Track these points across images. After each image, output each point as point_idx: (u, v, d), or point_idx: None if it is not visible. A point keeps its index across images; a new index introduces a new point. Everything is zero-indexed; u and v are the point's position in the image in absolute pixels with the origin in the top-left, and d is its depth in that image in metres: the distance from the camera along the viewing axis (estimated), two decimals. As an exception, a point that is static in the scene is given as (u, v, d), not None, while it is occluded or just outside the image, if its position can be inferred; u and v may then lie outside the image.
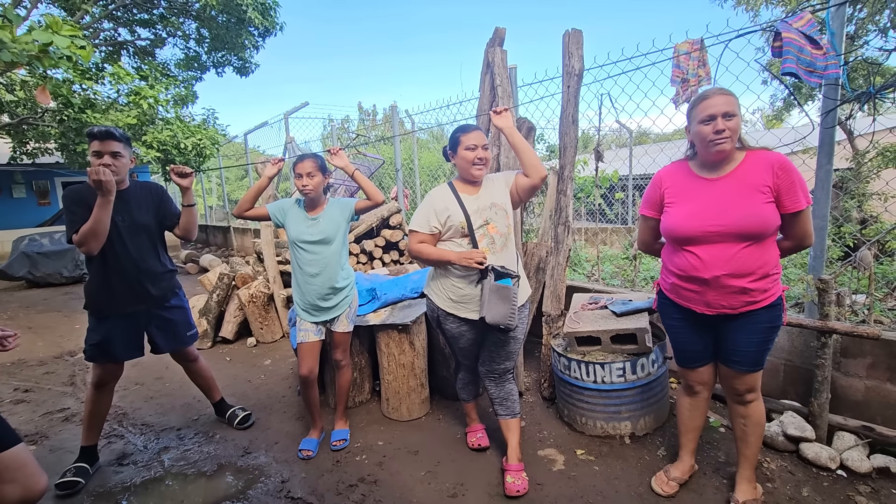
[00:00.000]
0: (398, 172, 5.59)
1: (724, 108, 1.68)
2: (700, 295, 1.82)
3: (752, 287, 1.72)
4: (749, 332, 1.79)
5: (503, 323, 1.99)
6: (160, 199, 2.51)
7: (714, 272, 1.74)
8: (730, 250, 1.72)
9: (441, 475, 2.33)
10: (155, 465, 2.55)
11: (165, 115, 6.68)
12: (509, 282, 2.03)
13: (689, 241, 1.80)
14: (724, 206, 1.72)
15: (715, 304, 1.79)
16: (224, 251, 10.18)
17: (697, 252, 1.78)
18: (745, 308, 1.76)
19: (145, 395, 3.43)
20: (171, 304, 2.57)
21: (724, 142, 1.70)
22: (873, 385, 2.31)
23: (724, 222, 1.71)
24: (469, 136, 2.09)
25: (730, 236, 1.71)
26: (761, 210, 1.68)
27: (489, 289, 2.00)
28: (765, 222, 1.68)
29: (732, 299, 1.76)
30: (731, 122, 1.68)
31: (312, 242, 2.44)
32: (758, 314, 1.77)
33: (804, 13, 2.28)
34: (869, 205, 6.96)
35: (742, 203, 1.70)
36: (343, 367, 2.65)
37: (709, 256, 1.75)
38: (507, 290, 2.01)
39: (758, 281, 1.72)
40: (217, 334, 4.51)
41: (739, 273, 1.71)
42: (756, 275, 1.72)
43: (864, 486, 2.06)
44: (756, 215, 1.68)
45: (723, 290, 1.75)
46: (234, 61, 9.06)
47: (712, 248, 1.74)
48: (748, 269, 1.71)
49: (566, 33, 3.05)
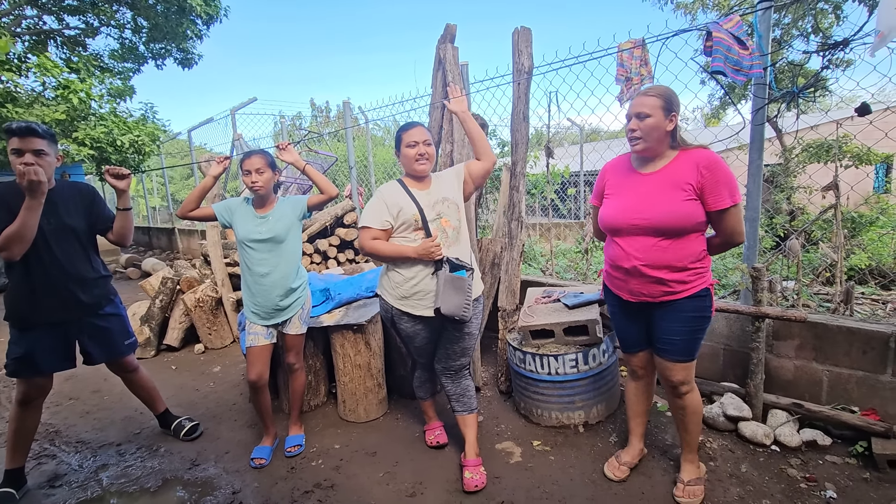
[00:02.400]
0: (352, 170, 5.49)
1: (638, 108, 1.78)
2: (625, 283, 1.92)
3: (669, 278, 1.80)
4: (673, 321, 1.88)
5: (457, 314, 2.01)
6: (91, 201, 2.33)
7: (633, 262, 1.84)
8: (647, 242, 1.81)
9: (399, 475, 2.31)
10: (92, 484, 2.38)
11: (99, 110, 6.24)
12: (464, 273, 2.05)
13: (616, 232, 1.90)
14: (647, 201, 1.81)
15: (637, 292, 1.89)
16: (169, 254, 9.67)
17: (621, 243, 1.88)
18: (665, 297, 1.84)
19: (80, 411, 3.20)
20: (105, 311, 2.40)
21: (636, 142, 1.81)
22: (801, 364, 2.48)
23: (645, 216, 1.79)
24: (409, 134, 2.11)
25: (649, 230, 1.80)
26: (680, 207, 1.75)
27: (444, 279, 2.01)
28: (682, 218, 1.75)
29: (651, 288, 1.85)
30: (643, 122, 1.76)
31: (261, 241, 2.35)
32: (680, 303, 1.85)
33: (733, 15, 2.41)
34: (796, 197, 7.50)
35: (662, 199, 1.77)
36: (296, 370, 2.58)
37: (629, 247, 1.85)
38: (462, 281, 2.03)
39: (676, 273, 1.80)
40: (161, 342, 4.27)
41: (655, 264, 1.80)
42: (673, 267, 1.79)
43: (795, 458, 2.21)
44: (673, 212, 1.75)
45: (642, 279, 1.85)
46: (175, 52, 8.61)
47: (634, 239, 1.84)
48: (664, 261, 1.79)
49: (516, 31, 3.09)
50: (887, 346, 2.22)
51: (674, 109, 1.77)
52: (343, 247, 4.74)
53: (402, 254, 2.05)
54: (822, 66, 2.34)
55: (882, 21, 1.88)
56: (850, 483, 2.03)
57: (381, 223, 2.09)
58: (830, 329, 2.37)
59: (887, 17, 1.85)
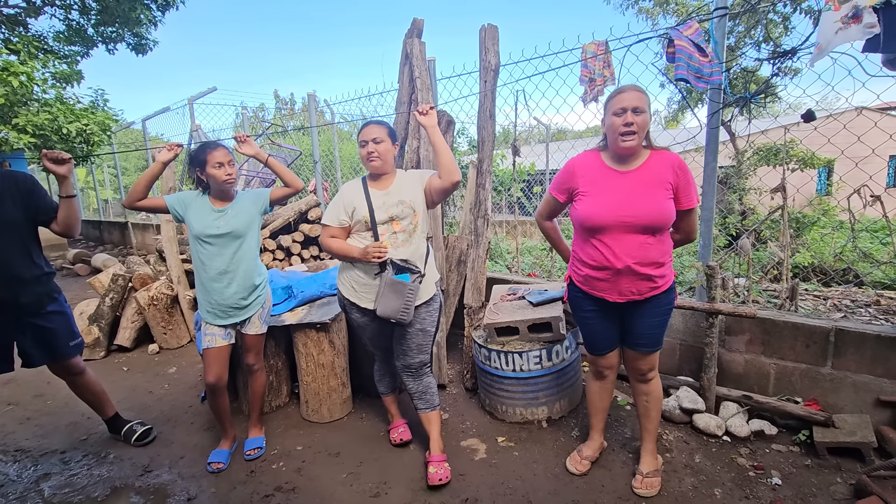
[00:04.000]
0: (317, 164, 5.37)
1: (635, 102, 1.77)
2: (612, 284, 1.90)
3: (655, 274, 1.86)
4: (653, 315, 1.95)
5: (394, 317, 2.06)
6: (29, 190, 2.18)
7: (625, 262, 1.83)
8: (636, 240, 1.83)
9: (363, 475, 2.28)
10: (32, 495, 2.24)
11: (43, 95, 5.85)
12: (407, 277, 2.06)
13: (600, 231, 1.86)
14: (635, 198, 1.83)
15: (626, 292, 1.91)
16: (122, 249, 9.19)
17: (608, 242, 1.85)
18: (650, 293, 1.90)
19: (20, 417, 3.00)
20: (47, 310, 2.25)
21: (631, 136, 1.78)
22: (751, 358, 2.61)
23: (635, 214, 1.81)
24: (362, 133, 2.13)
25: (637, 227, 1.82)
26: (664, 205, 1.81)
27: (385, 282, 2.06)
28: (665, 216, 1.82)
29: (641, 286, 1.89)
30: (639, 117, 1.78)
31: (218, 236, 2.25)
32: (659, 298, 1.93)
33: (692, 22, 2.49)
34: (748, 198, 7.88)
35: (649, 196, 1.82)
36: (256, 371, 2.50)
37: (618, 247, 1.84)
38: (403, 286, 2.04)
39: (659, 268, 1.87)
40: (112, 342, 4.06)
41: (645, 262, 1.84)
42: (658, 263, 1.86)
43: (745, 448, 2.32)
44: (659, 209, 1.80)
45: (633, 277, 1.87)
46: (127, 37, 8.17)
47: (622, 238, 1.83)
48: (652, 258, 1.84)
49: (482, 28, 3.09)
50: (827, 341, 2.36)
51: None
52: (307, 243, 4.62)
53: (348, 253, 2.10)
54: (773, 73, 2.45)
55: (821, 34, 1.98)
56: (793, 470, 2.15)
57: (338, 222, 2.14)
58: (777, 324, 2.50)
59: (826, 32, 1.96)
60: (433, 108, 2.16)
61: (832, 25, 1.86)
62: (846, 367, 2.33)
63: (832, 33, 1.86)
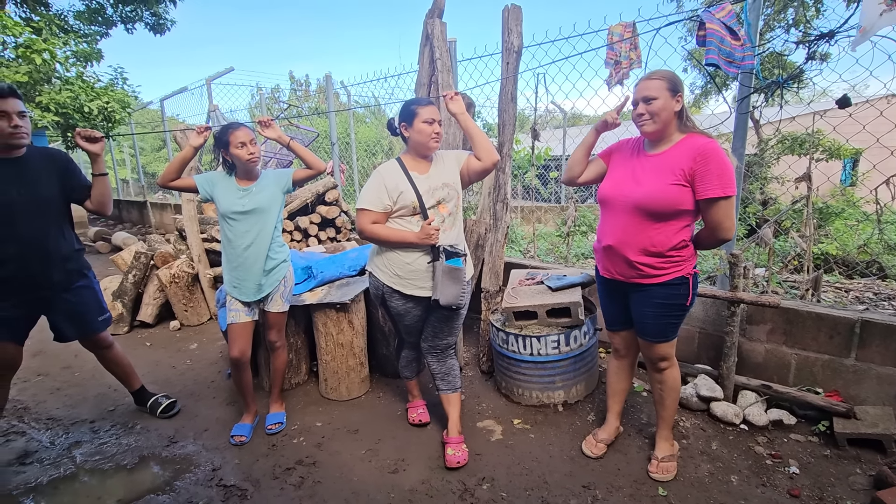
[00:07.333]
0: (334, 146, 5.38)
1: (644, 92, 1.78)
2: (602, 258, 2.00)
3: (636, 260, 1.84)
4: (644, 305, 1.93)
5: (455, 303, 2.04)
6: (65, 168, 2.22)
7: (608, 240, 1.90)
8: (629, 220, 1.84)
9: (382, 452, 2.33)
10: (65, 461, 2.33)
11: (65, 73, 5.89)
12: (459, 262, 2.04)
13: (605, 205, 1.95)
14: (638, 179, 1.84)
15: (612, 270, 1.95)
16: (140, 228, 9.35)
17: (608, 218, 1.93)
18: (636, 279, 1.89)
19: (50, 387, 3.11)
20: (78, 285, 2.31)
21: (643, 123, 1.81)
22: (772, 348, 2.59)
23: (631, 193, 1.83)
24: (427, 110, 2.02)
25: (633, 208, 1.82)
26: (666, 190, 1.76)
27: (442, 271, 2.01)
28: (664, 201, 1.76)
29: (622, 268, 1.90)
30: (651, 105, 1.77)
31: (244, 213, 2.28)
32: (650, 289, 1.88)
33: (725, 4, 2.41)
34: (769, 187, 7.72)
35: (651, 179, 1.80)
36: (278, 348, 2.55)
37: (612, 223, 1.90)
38: (459, 272, 2.03)
39: (645, 256, 1.83)
40: (134, 318, 4.16)
41: (628, 243, 1.84)
42: (644, 250, 1.82)
43: (762, 437, 2.32)
44: (657, 192, 1.77)
45: (616, 258, 1.90)
46: (146, 17, 8.18)
47: (618, 216, 1.87)
48: (637, 242, 1.82)
49: (506, 9, 3.03)
50: (852, 332, 2.33)
51: (679, 90, 1.79)
52: (324, 224, 4.66)
53: (405, 239, 2.03)
54: (807, 56, 2.38)
55: (865, 16, 1.92)
56: (812, 460, 2.14)
57: (382, 206, 2.03)
58: (801, 314, 2.46)
59: (869, 13, 1.89)
60: (458, 94, 2.14)
61: (876, 7, 1.79)
62: (870, 359, 2.30)
63: (877, 15, 1.80)
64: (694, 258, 1.90)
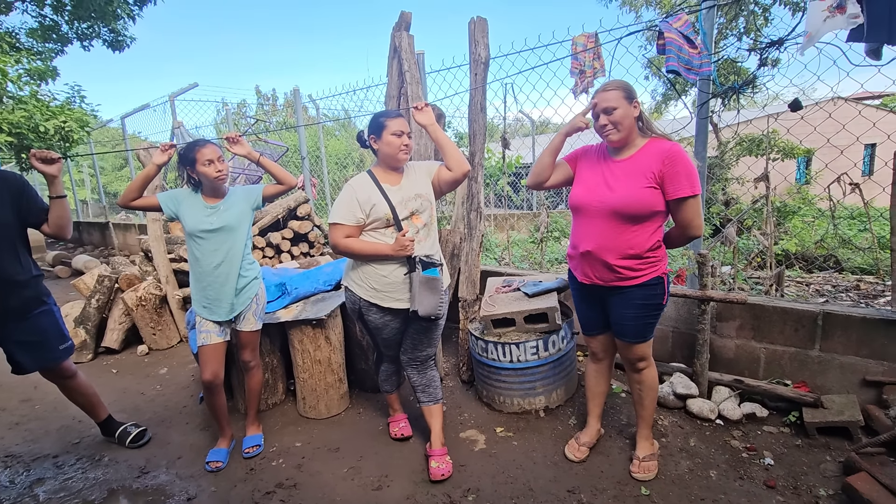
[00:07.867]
0: (304, 161, 5.32)
1: (603, 104, 1.84)
2: (579, 264, 2.01)
3: (617, 264, 1.88)
4: (624, 307, 1.97)
5: (433, 314, 2.03)
6: (20, 191, 2.12)
7: (587, 246, 1.92)
8: (605, 225, 1.87)
9: (364, 469, 2.29)
10: (26, 501, 2.19)
11: (18, 92, 5.66)
12: (436, 272, 2.04)
13: (579, 212, 1.97)
14: (612, 184, 1.88)
15: (591, 275, 1.98)
16: (103, 251, 8.99)
17: (582, 223, 1.96)
18: (615, 283, 1.93)
19: (8, 422, 2.93)
20: (36, 312, 2.20)
21: (608, 133, 1.87)
22: (742, 343, 2.67)
23: (604, 197, 1.87)
24: (395, 122, 2.01)
25: (609, 213, 1.86)
26: (640, 193, 1.82)
27: (419, 282, 2.00)
28: (639, 204, 1.82)
29: (603, 273, 1.93)
30: (612, 115, 1.83)
31: (212, 231, 2.22)
32: (630, 291, 1.93)
33: (681, 14, 2.52)
34: (731, 188, 8.03)
35: (625, 184, 1.85)
36: (252, 368, 2.48)
37: (588, 229, 1.93)
38: (436, 281, 2.03)
39: (624, 259, 1.87)
40: (99, 344, 3.98)
41: (607, 248, 1.88)
42: (625, 254, 1.87)
43: (737, 430, 2.38)
44: (633, 197, 1.82)
45: (595, 263, 1.93)
46: (104, 33, 7.94)
47: (593, 222, 1.91)
48: (616, 246, 1.87)
49: (472, 21, 3.08)
50: (815, 324, 2.43)
51: (634, 96, 1.85)
52: (297, 240, 4.58)
53: (379, 252, 2.02)
54: (759, 63, 2.50)
55: (810, 23, 2.03)
56: (784, 450, 2.21)
57: (355, 220, 2.02)
58: (767, 310, 2.56)
59: (814, 20, 2.00)
60: (427, 105, 2.16)
61: (820, 14, 1.90)
62: (833, 350, 2.40)
63: (820, 21, 1.90)
64: (666, 258, 1.96)
